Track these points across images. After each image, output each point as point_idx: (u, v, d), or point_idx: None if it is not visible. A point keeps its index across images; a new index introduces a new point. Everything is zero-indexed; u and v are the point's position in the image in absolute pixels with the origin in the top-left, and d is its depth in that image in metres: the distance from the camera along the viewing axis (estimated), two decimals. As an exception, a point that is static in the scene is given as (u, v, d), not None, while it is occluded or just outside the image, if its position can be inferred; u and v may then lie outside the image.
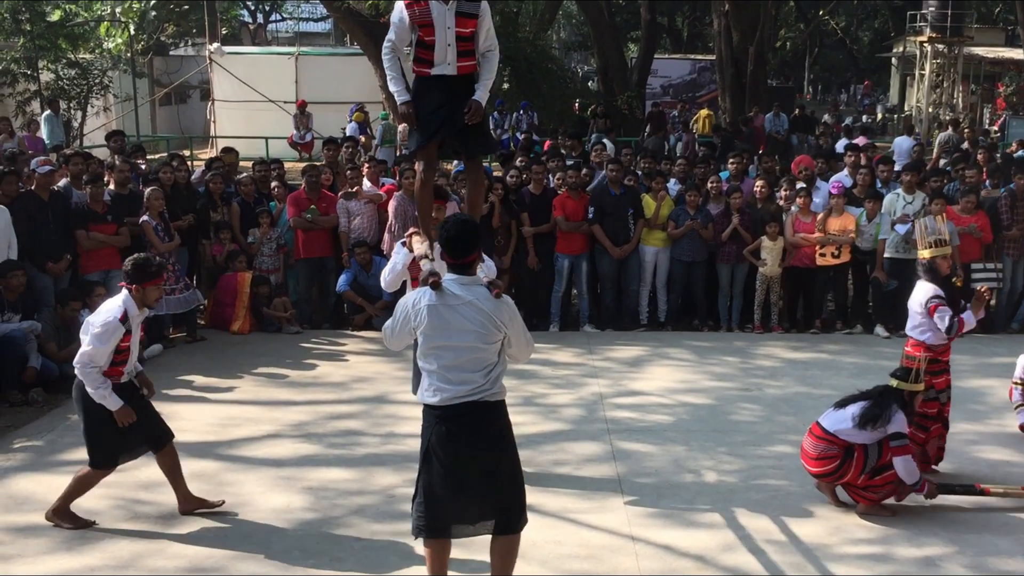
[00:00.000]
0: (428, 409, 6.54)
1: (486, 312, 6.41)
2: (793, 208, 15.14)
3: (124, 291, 8.32)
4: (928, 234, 9.27)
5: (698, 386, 12.37)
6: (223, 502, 8.68)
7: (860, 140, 15.66)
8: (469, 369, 6.42)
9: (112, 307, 8.24)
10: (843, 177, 16.06)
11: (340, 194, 15.20)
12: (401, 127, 25.93)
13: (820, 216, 14.85)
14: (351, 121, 28.38)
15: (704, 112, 31.69)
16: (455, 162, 16.13)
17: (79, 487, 8.31)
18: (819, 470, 8.52)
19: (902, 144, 24.29)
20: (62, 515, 8.27)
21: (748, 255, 14.95)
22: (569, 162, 16.93)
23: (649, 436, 10.57)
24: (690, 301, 15.55)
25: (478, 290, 6.49)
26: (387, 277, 9.01)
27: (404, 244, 8.89)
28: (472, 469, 6.42)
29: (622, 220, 15.02)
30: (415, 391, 7.20)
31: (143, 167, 16.08)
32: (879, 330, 14.84)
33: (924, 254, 9.32)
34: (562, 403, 11.68)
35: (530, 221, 14.92)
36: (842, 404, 8.57)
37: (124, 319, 8.15)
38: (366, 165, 16.21)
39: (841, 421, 8.41)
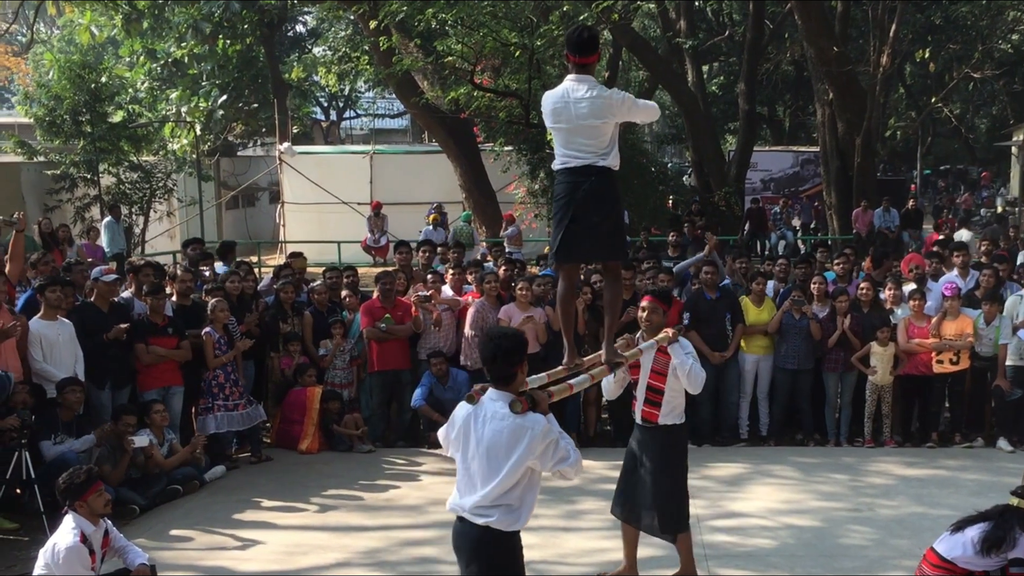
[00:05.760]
0: None
1: None
2: (899, 312, 15.04)
3: (70, 513, 8.54)
4: None
5: (803, 507, 12.25)
6: None
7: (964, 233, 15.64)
8: None
9: (66, 533, 8.43)
10: (954, 277, 15.93)
11: (412, 298, 15.31)
12: (510, 231, 26.09)
13: (934, 320, 14.71)
14: (428, 224, 28.66)
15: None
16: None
17: None
18: (936, 601, 8.36)
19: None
20: None
21: (857, 362, 14.83)
22: (667, 263, 16.96)
23: (750, 562, 10.49)
24: (794, 413, 15.44)
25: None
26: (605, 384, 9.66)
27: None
28: None
29: (719, 326, 14.99)
30: None
31: (208, 274, 16.30)
32: (1002, 443, 14.63)
33: None
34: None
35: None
36: (959, 527, 8.35)
37: (84, 540, 8.37)
38: (449, 271, 16.32)
39: (959, 546, 8.22)
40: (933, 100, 40.55)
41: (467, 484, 6.82)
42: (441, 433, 7.17)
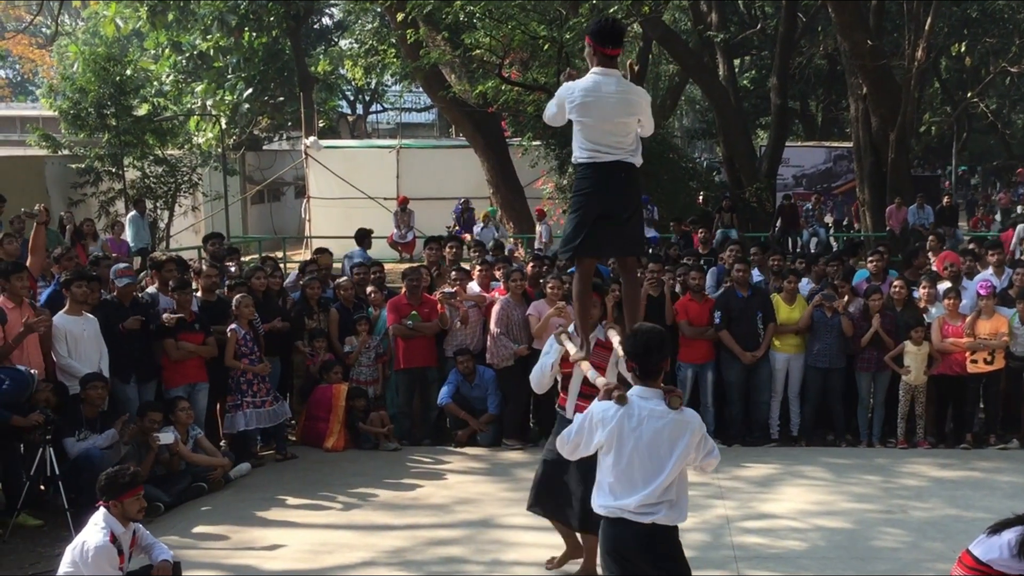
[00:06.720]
0: None
1: None
2: (933, 310, 14.96)
3: (102, 509, 8.50)
4: None
5: (835, 508, 12.20)
6: None
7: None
8: None
9: (96, 531, 8.39)
10: (989, 275, 15.85)
11: (437, 295, 15.30)
12: (540, 233, 26.12)
13: (969, 319, 14.63)
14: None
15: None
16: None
17: None
18: (971, 604, 8.31)
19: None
20: None
21: (890, 362, 14.77)
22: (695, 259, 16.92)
23: (781, 564, 10.45)
24: (826, 413, 15.37)
25: None
26: (535, 377, 9.42)
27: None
28: None
29: (750, 325, 14.96)
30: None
31: (233, 270, 16.32)
32: (1038, 445, 14.55)
33: None
34: (684, 527, 11.50)
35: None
36: (996, 529, 8.29)
37: (113, 539, 8.32)
38: (477, 268, 16.27)
39: (995, 549, 8.17)
40: (969, 95, 40.25)
41: (625, 485, 6.97)
42: (568, 436, 7.36)
